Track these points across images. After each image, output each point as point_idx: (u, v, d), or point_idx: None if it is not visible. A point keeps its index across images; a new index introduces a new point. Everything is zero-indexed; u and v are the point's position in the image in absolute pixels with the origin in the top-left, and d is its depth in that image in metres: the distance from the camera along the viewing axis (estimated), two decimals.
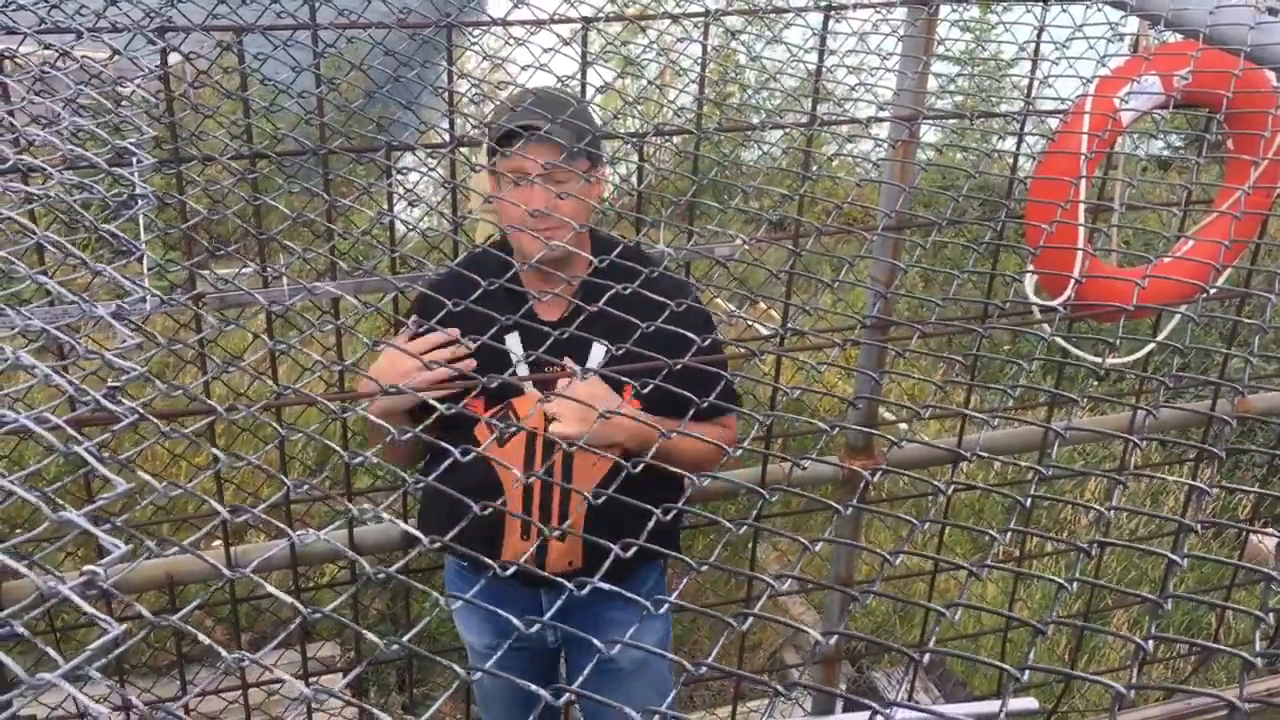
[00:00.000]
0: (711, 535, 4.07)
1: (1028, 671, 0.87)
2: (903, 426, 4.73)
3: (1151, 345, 2.81)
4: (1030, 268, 2.77)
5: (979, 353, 1.53)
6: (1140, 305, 1.61)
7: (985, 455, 1.65)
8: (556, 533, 2.16)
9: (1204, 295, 1.45)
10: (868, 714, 2.81)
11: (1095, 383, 5.70)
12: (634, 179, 2.71)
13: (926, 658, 1.08)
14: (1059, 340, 2.87)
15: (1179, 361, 2.13)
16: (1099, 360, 2.65)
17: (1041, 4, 2.61)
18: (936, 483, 1.55)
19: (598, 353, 2.13)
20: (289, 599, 0.93)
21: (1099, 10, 2.68)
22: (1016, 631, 3.50)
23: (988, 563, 1.11)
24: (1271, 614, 0.95)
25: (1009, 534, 1.11)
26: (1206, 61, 2.30)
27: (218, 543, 2.77)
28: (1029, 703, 3.45)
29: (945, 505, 3.38)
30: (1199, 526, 1.26)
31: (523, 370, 2.15)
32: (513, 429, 2.01)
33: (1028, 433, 3.20)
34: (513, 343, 2.13)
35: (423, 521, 2.46)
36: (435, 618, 4.10)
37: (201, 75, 2.26)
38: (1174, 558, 1.00)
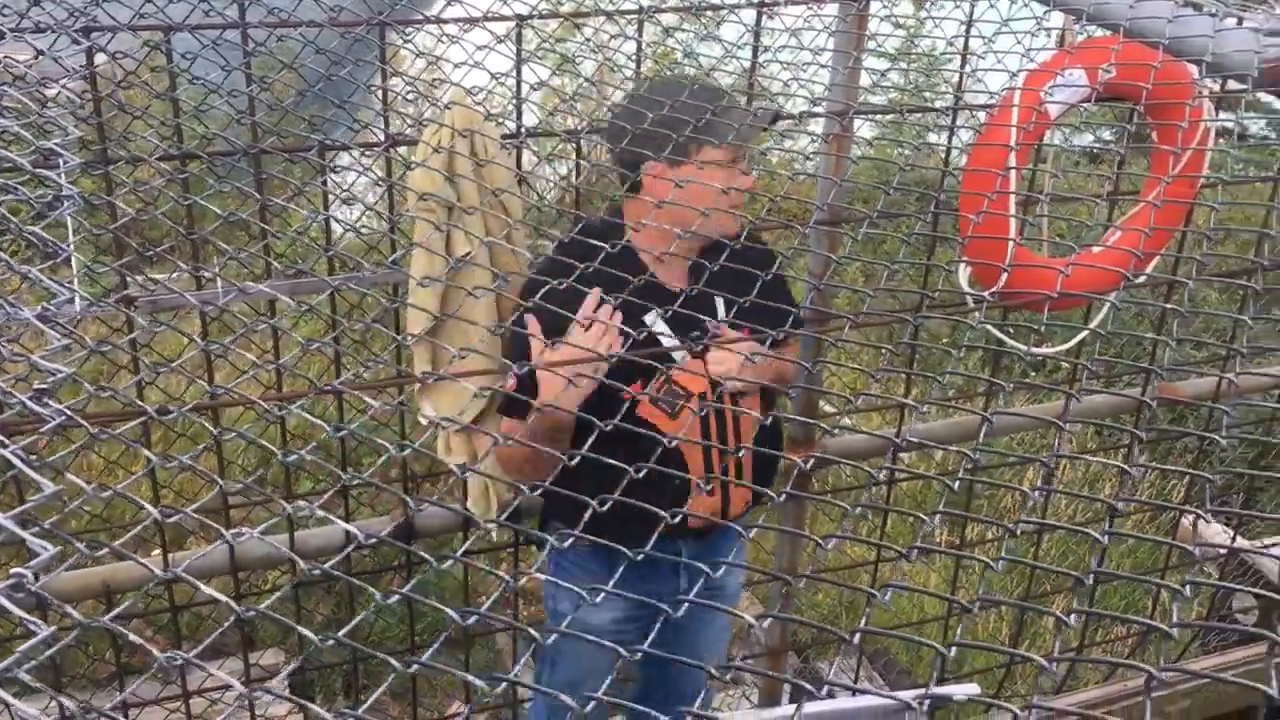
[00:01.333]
0: None
1: (967, 658, 0.89)
2: (844, 419, 4.78)
3: (1084, 334, 2.87)
4: (963, 259, 2.81)
5: (914, 343, 1.56)
6: (1063, 293, 1.65)
7: (917, 443, 1.68)
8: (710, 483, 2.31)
9: (1124, 284, 1.49)
10: (811, 703, 2.83)
11: (1034, 372, 5.80)
12: (573, 176, 2.72)
13: (858, 639, 1.10)
14: (991, 330, 2.92)
15: (1108, 350, 2.17)
16: (1030, 349, 2.70)
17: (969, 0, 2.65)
18: (872, 471, 1.58)
19: (720, 308, 2.27)
20: (224, 598, 0.92)
21: (1025, 5, 2.74)
22: (958, 618, 3.55)
23: (918, 545, 1.13)
24: (1191, 593, 0.99)
25: (938, 519, 1.13)
26: (1128, 54, 2.36)
27: (157, 551, 2.73)
28: (970, 688, 3.50)
29: (887, 495, 3.42)
30: (1120, 505, 1.30)
31: (669, 340, 2.25)
32: (681, 398, 2.21)
33: (966, 422, 3.24)
34: (652, 319, 2.22)
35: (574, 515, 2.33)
36: (379, 619, 4.08)
37: (129, 75, 2.23)
38: (1096, 535, 1.03)
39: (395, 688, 3.91)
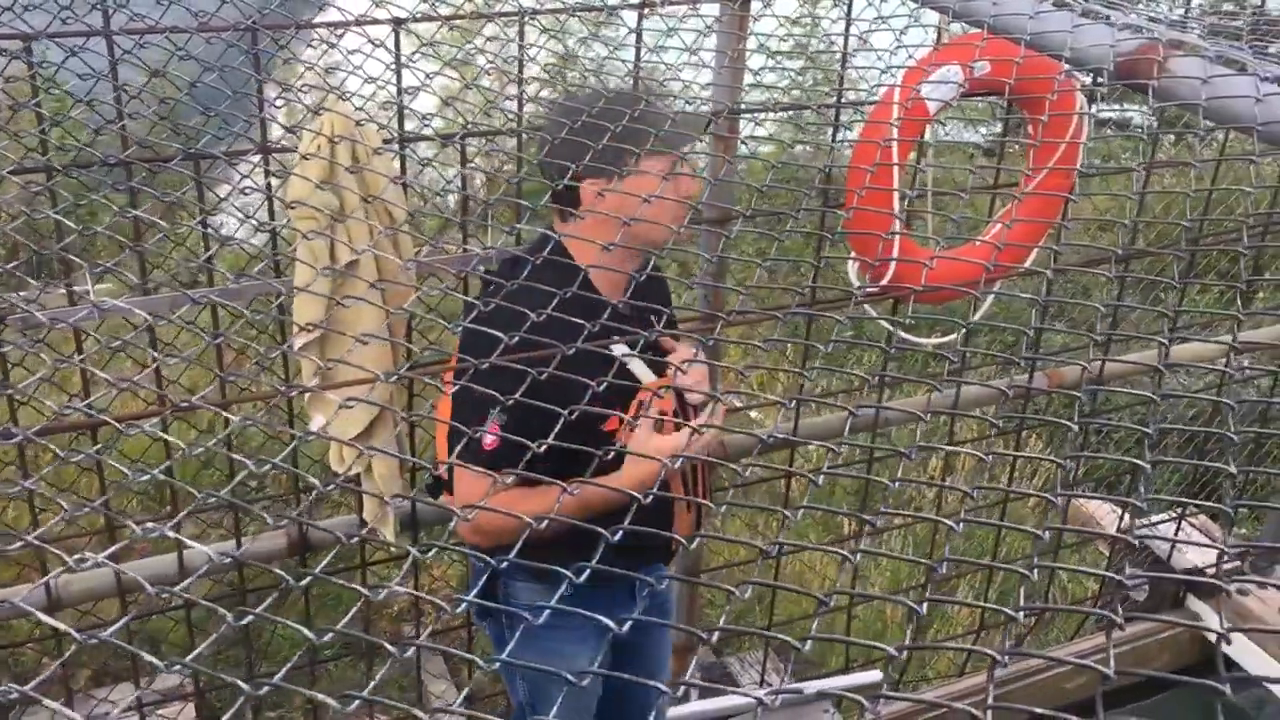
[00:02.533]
0: None
1: (858, 646, 0.91)
2: (753, 415, 4.82)
3: (963, 328, 2.93)
4: (852, 254, 2.86)
5: (791, 339, 1.58)
6: (930, 286, 1.68)
7: (796, 440, 1.70)
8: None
9: (992, 278, 1.52)
10: (720, 700, 2.85)
11: (934, 362, 5.91)
12: (458, 181, 2.69)
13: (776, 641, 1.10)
14: (883, 323, 2.97)
15: (992, 342, 2.22)
16: (898, 342, 2.75)
17: None
18: (749, 464, 1.59)
19: (680, 346, 2.27)
20: (59, 625, 0.89)
21: (902, 3, 2.78)
22: (861, 609, 3.61)
23: (768, 540, 1.14)
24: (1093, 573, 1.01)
25: (870, 514, 1.14)
26: (1002, 51, 2.42)
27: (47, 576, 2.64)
28: (873, 675, 3.56)
29: (785, 492, 3.45)
30: (972, 493, 1.32)
31: (637, 364, 2.20)
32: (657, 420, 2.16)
33: (863, 416, 3.29)
34: (615, 346, 2.02)
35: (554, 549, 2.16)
36: (277, 634, 4.00)
37: None
38: (951, 524, 1.04)
39: (304, 704, 3.84)
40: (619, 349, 2.10)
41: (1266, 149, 1.55)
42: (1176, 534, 3.67)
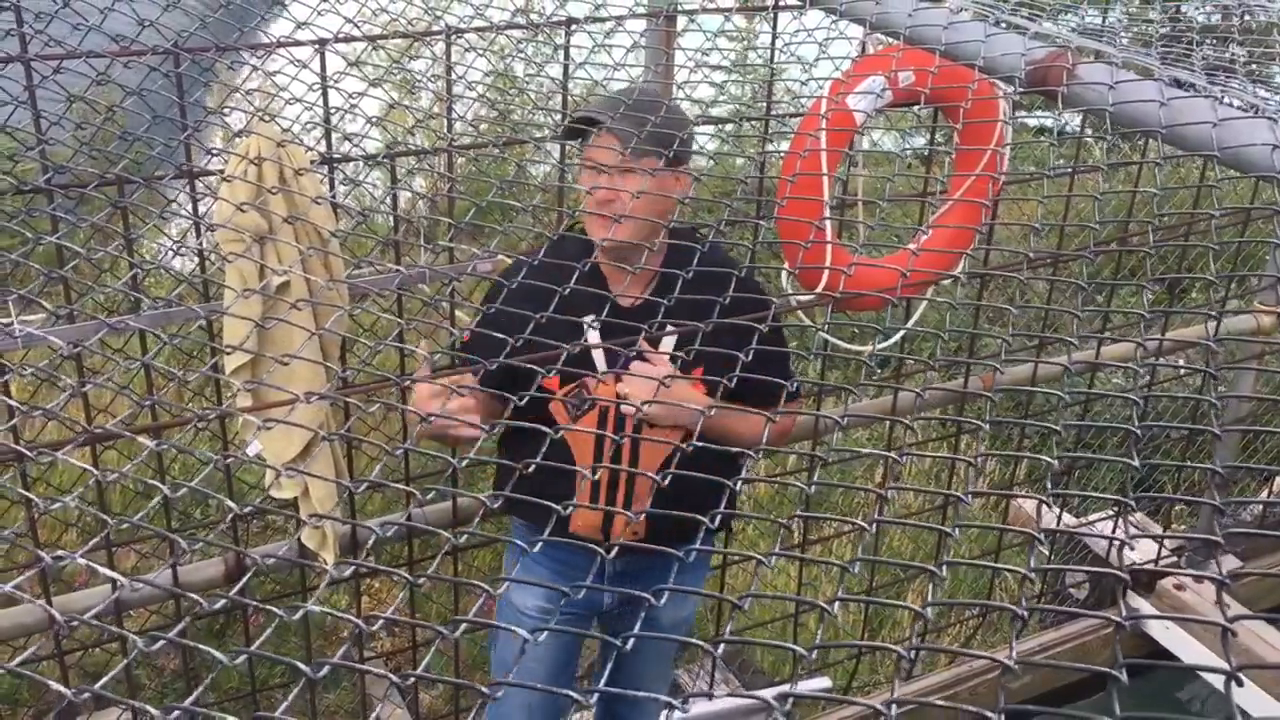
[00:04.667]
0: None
1: (816, 653, 0.92)
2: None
3: (901, 332, 2.97)
4: (785, 264, 2.89)
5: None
6: (845, 292, 1.71)
7: (746, 451, 1.71)
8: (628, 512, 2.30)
9: (902, 280, 1.55)
10: (723, 702, 2.86)
11: (879, 370, 5.97)
12: (389, 200, 2.69)
13: (721, 649, 1.11)
14: (818, 331, 3.00)
15: (925, 348, 2.25)
16: (860, 350, 2.78)
17: (772, 12, 2.73)
18: (725, 480, 1.60)
19: (669, 342, 2.27)
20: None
21: (825, 15, 2.83)
22: (806, 615, 3.63)
23: (778, 551, 1.15)
24: (1035, 573, 1.03)
25: (798, 522, 1.16)
26: (920, 61, 2.46)
27: None
28: (822, 681, 3.58)
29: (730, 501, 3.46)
30: (966, 498, 1.34)
31: (598, 356, 2.29)
32: (586, 404, 2.22)
33: (804, 422, 3.32)
34: (591, 334, 2.24)
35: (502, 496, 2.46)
36: (228, 672, 3.94)
37: None
38: (947, 530, 1.06)
39: None
40: (593, 336, 2.26)
41: (1170, 151, 1.59)
42: (1114, 531, 3.73)
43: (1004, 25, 2.04)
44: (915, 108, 3.35)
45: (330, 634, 4.26)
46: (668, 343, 2.28)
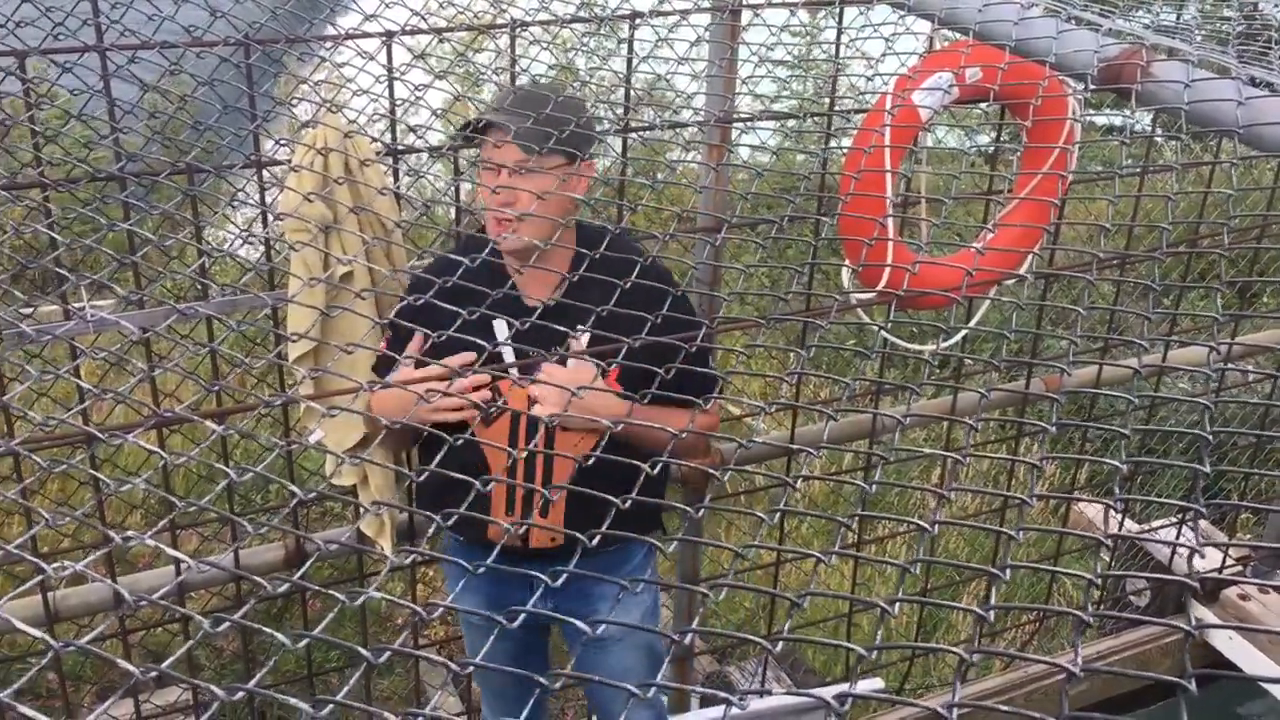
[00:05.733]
0: None
1: (876, 653, 0.91)
2: (753, 423, 4.82)
3: (964, 331, 2.93)
4: (846, 261, 2.86)
5: (788, 347, 1.58)
6: (911, 291, 1.69)
7: (801, 449, 1.70)
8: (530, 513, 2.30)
9: (967, 279, 1.53)
10: (717, 709, 2.83)
11: (936, 369, 5.91)
12: (452, 192, 2.70)
13: (779, 648, 1.10)
14: (877, 329, 2.97)
15: (987, 348, 2.22)
16: (883, 346, 2.75)
17: (838, 6, 2.70)
18: (786, 478, 1.59)
19: (582, 340, 2.19)
20: (32, 632, 0.90)
21: (893, 10, 2.80)
22: (860, 615, 3.60)
23: (835, 549, 1.14)
24: (1099, 578, 1.01)
25: (856, 521, 1.15)
26: (988, 58, 2.42)
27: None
28: (875, 683, 3.55)
29: (785, 499, 3.44)
30: (1031, 501, 1.32)
31: (506, 353, 2.24)
32: (495, 409, 2.15)
33: (860, 420, 3.29)
34: (499, 327, 2.20)
35: (419, 502, 2.58)
36: (286, 655, 4.01)
37: None
38: (1010, 533, 1.04)
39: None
40: (500, 328, 2.20)
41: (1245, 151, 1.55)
42: (1178, 538, 3.66)
43: (1075, 22, 2.01)
44: (982, 105, 3.31)
45: (385, 621, 4.31)
46: (580, 345, 2.20)
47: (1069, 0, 2.23)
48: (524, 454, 2.23)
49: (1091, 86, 1.81)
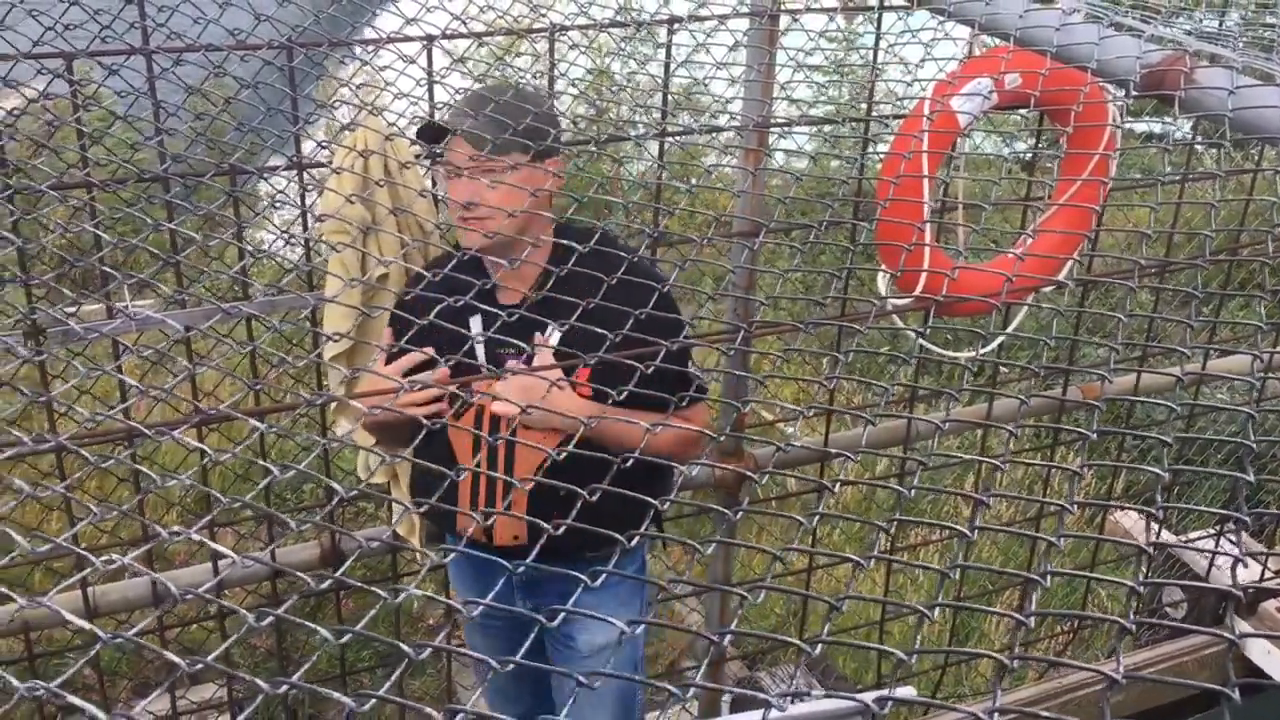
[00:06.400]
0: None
1: (911, 660, 0.91)
2: (785, 428, 4.81)
3: (1001, 337, 2.92)
4: (882, 267, 2.85)
5: (823, 351, 1.58)
6: (950, 296, 1.68)
7: (840, 453, 1.69)
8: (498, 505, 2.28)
9: (1007, 285, 1.52)
10: (754, 713, 2.82)
11: (973, 376, 5.87)
12: None
13: (817, 650, 1.10)
14: (913, 335, 2.96)
15: (1022, 354, 2.21)
16: (917, 351, 2.74)
17: (877, 12, 2.70)
18: (824, 481, 1.59)
19: (553, 337, 2.19)
20: (85, 624, 0.91)
21: (932, 16, 2.79)
22: (891, 624, 3.58)
23: (873, 554, 1.14)
24: (1141, 585, 1.00)
25: (894, 526, 1.15)
26: (1027, 64, 2.41)
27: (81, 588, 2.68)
28: (907, 691, 3.53)
29: (818, 502, 3.43)
30: (1071, 507, 1.31)
31: (479, 351, 2.25)
32: (461, 404, 2.14)
33: (897, 427, 3.28)
34: (474, 325, 2.21)
35: (412, 494, 2.61)
36: (323, 653, 4.04)
37: (31, 104, 2.20)
38: (1051, 539, 1.04)
39: (340, 714, 3.87)
40: (475, 325, 2.21)
41: None
42: (1216, 548, 3.62)
43: (1116, 28, 1.99)
44: (1021, 111, 3.29)
45: (416, 621, 4.33)
46: (551, 341, 2.20)
47: (1110, 6, 2.21)
48: (483, 451, 2.25)
49: (1134, 93, 1.80)
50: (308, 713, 3.80)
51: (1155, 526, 3.77)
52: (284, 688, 0.95)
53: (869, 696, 0.93)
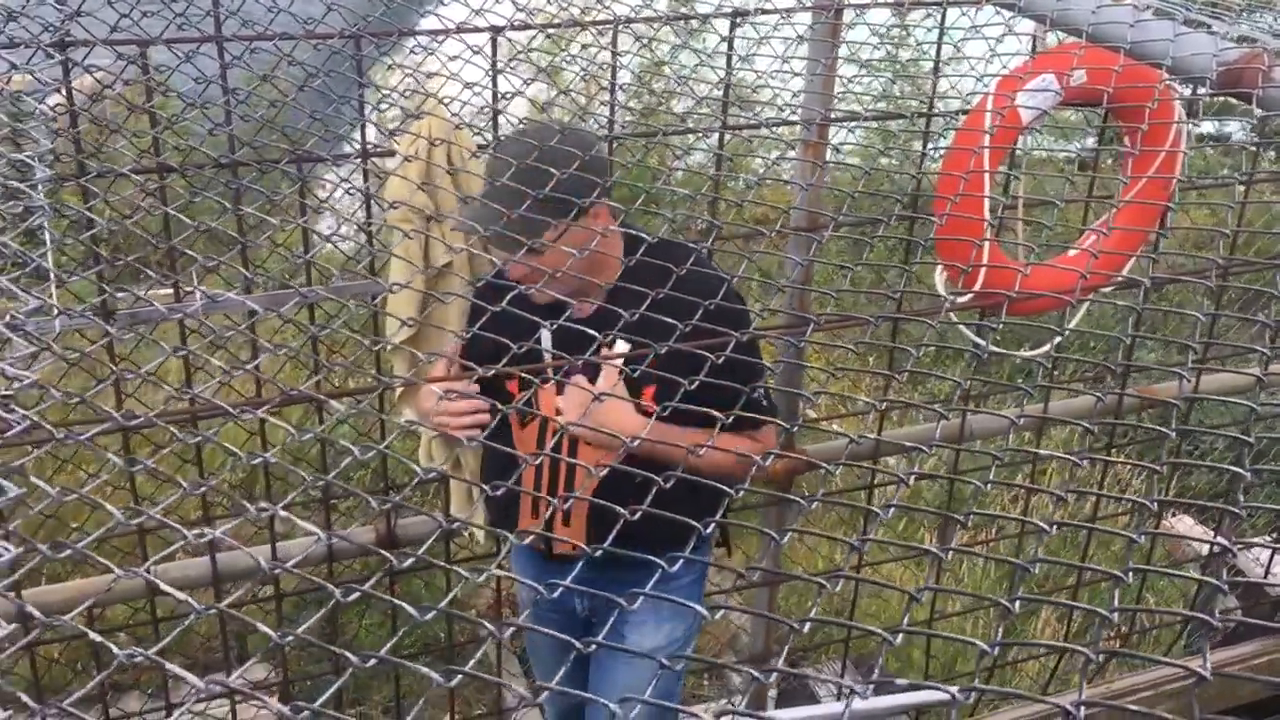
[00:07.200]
0: None
1: (953, 660, 0.92)
2: (832, 425, 4.80)
3: (1059, 338, 2.89)
4: (939, 263, 2.83)
5: (879, 343, 1.58)
6: (1024, 293, 1.67)
7: (915, 446, 1.69)
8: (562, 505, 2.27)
9: (1082, 283, 1.51)
10: (836, 704, 2.83)
11: (1024, 377, 5.81)
12: None
13: (898, 640, 1.10)
14: (965, 331, 2.94)
15: (1079, 352, 2.19)
16: (986, 348, 2.72)
17: (941, 7, 2.68)
18: (898, 473, 1.59)
19: (620, 350, 2.11)
20: (226, 618, 0.93)
21: (997, 12, 2.76)
22: (938, 623, 3.57)
23: (951, 547, 1.14)
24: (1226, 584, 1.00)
25: (970, 520, 1.15)
26: (1099, 60, 2.39)
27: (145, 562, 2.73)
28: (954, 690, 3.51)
29: (868, 498, 3.43)
30: (1152, 504, 1.31)
31: (548, 359, 2.22)
32: (528, 412, 2.16)
33: (950, 424, 3.25)
34: (544, 336, 2.13)
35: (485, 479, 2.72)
36: (365, 638, 4.08)
37: (106, 90, 2.24)
38: (1132, 536, 1.04)
39: (384, 701, 3.91)
40: (545, 336, 2.13)
41: None
42: (1274, 555, 3.57)
43: (1190, 25, 1.97)
44: (1075, 109, 3.25)
45: (464, 607, 4.36)
46: (622, 352, 2.12)
47: (1183, 3, 2.19)
48: (538, 460, 2.17)
49: (1209, 91, 1.78)
50: (350, 697, 3.83)
51: (1228, 527, 3.73)
52: (371, 661, 0.97)
53: (954, 688, 0.94)
